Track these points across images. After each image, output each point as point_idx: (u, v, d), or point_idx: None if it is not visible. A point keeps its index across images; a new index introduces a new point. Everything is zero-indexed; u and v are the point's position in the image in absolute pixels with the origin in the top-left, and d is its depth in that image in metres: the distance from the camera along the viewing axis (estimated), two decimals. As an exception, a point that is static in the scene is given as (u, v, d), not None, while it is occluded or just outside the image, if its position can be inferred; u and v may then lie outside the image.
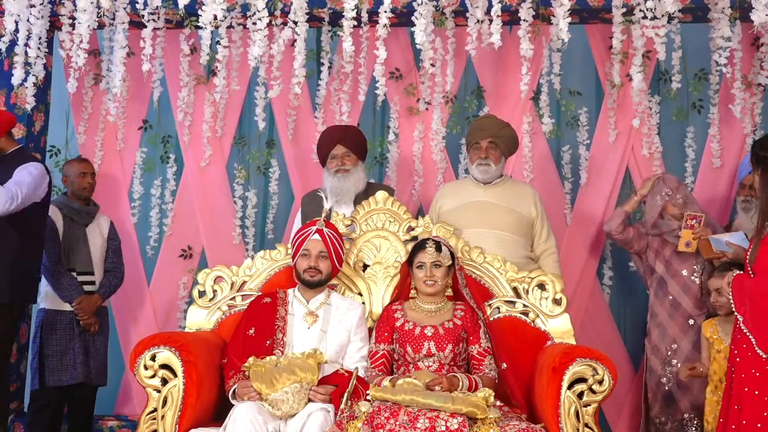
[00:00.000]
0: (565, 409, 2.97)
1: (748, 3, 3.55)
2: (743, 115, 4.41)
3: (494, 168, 3.91)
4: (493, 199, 3.90)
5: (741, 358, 2.97)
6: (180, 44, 4.80)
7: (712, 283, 3.57)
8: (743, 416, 2.90)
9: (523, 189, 3.99)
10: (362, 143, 4.04)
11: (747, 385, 2.92)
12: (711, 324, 3.61)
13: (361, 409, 2.83)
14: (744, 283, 2.98)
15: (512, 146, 4.00)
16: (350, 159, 3.95)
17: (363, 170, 4.00)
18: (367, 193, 3.87)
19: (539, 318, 3.50)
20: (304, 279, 3.36)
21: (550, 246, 3.92)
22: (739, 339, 3.00)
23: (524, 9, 3.85)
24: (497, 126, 3.94)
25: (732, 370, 3.03)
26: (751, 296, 2.93)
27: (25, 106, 4.41)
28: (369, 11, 4.04)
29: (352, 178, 3.93)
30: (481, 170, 3.92)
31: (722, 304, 3.52)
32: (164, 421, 3.04)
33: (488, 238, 3.79)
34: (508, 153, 4.01)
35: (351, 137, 4.00)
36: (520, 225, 3.86)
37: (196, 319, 3.57)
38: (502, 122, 4.00)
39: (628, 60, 4.32)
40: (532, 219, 3.90)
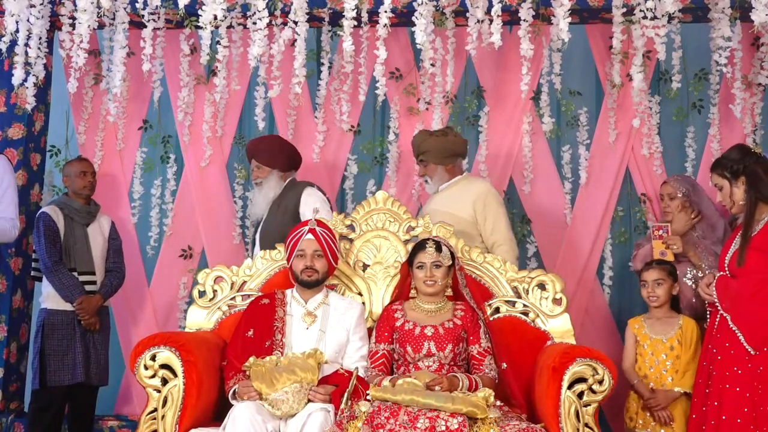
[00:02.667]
0: (565, 409, 2.98)
1: (748, 3, 3.55)
2: (743, 115, 4.41)
3: (431, 183, 4.06)
4: (438, 205, 3.99)
5: (722, 356, 3.11)
6: (180, 44, 4.80)
7: (650, 275, 3.68)
8: (723, 412, 3.04)
9: (468, 189, 3.98)
10: (274, 152, 4.10)
11: (728, 382, 3.05)
12: (637, 321, 3.73)
13: (361, 409, 2.83)
14: (729, 285, 3.13)
15: (443, 152, 4.00)
16: (261, 171, 4.10)
17: (277, 176, 4.08)
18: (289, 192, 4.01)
19: (539, 318, 3.51)
20: (301, 279, 3.36)
21: (498, 238, 3.88)
22: (719, 338, 3.15)
23: (524, 9, 3.85)
24: (419, 140, 4.08)
25: (710, 368, 3.10)
26: (737, 297, 3.08)
27: (25, 106, 4.41)
28: (369, 11, 4.04)
29: (263, 190, 4.08)
30: (427, 187, 4.15)
31: (658, 296, 3.65)
32: (164, 421, 3.05)
33: None
34: (445, 158, 4.01)
35: (261, 149, 4.12)
36: (459, 228, 3.86)
37: (196, 319, 3.58)
38: (425, 135, 4.09)
39: (628, 60, 4.31)
40: (471, 219, 3.90)
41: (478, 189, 3.97)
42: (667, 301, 3.69)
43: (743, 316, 3.07)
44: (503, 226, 3.92)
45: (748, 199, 3.16)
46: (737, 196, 3.20)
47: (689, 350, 3.56)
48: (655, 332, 3.66)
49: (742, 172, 3.17)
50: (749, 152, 3.22)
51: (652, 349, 3.63)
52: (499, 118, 4.74)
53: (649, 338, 3.65)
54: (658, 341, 3.63)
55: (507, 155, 4.70)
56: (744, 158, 3.18)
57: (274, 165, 4.10)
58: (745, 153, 3.21)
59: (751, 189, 3.16)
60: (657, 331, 3.66)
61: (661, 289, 3.67)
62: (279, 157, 4.12)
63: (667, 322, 3.67)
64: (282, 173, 4.12)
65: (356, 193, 4.84)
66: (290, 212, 3.98)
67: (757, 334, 3.03)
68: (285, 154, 4.16)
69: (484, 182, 4.12)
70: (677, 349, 3.59)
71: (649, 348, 3.64)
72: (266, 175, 4.09)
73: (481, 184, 4.04)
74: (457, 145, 4.06)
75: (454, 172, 4.06)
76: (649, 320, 3.71)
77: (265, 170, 4.10)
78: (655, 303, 3.68)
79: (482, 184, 4.04)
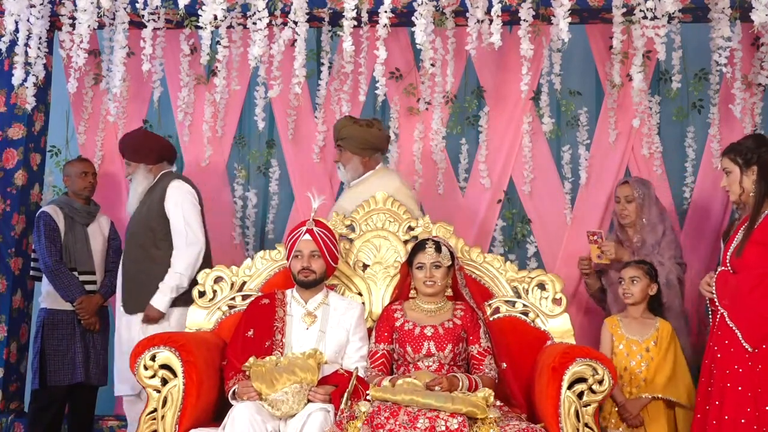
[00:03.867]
0: (565, 409, 2.98)
1: (748, 3, 3.55)
2: (743, 115, 4.40)
3: (344, 170, 4.01)
4: (346, 202, 3.96)
5: (722, 354, 3.08)
6: (180, 44, 4.79)
7: (627, 272, 3.66)
8: (725, 412, 3.01)
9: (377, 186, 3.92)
10: (136, 147, 4.02)
11: (729, 381, 3.02)
12: (614, 320, 3.68)
13: (361, 409, 2.83)
14: (729, 280, 3.09)
15: (363, 142, 3.96)
16: (130, 167, 4.04)
17: (144, 170, 4.00)
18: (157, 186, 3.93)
19: (539, 318, 3.51)
20: (299, 280, 3.37)
21: None
22: (719, 335, 3.12)
23: (524, 9, 3.85)
24: (341, 125, 4.02)
25: (711, 366, 3.08)
26: (735, 292, 3.04)
27: (25, 106, 4.41)
28: (369, 11, 4.03)
29: (133, 185, 4.02)
30: (338, 173, 4.10)
31: (633, 293, 3.63)
32: (164, 421, 3.05)
33: None
34: (363, 149, 3.97)
35: (126, 145, 4.05)
36: None
37: (196, 319, 3.58)
38: (349, 121, 4.03)
39: (628, 60, 4.31)
40: None
41: (386, 186, 3.89)
42: (643, 301, 3.65)
43: (741, 313, 3.03)
44: None
45: (758, 190, 3.10)
46: (746, 184, 3.13)
47: (662, 353, 3.53)
48: (631, 332, 3.61)
49: (755, 161, 3.11)
50: (765, 143, 3.15)
51: (627, 350, 3.58)
52: (499, 118, 4.73)
53: (624, 338, 3.60)
54: (633, 342, 3.58)
55: (507, 155, 4.70)
56: (759, 148, 3.12)
57: (140, 159, 4.00)
58: (761, 143, 3.15)
59: (762, 180, 3.09)
60: (633, 332, 3.61)
61: (636, 286, 3.62)
62: (143, 152, 4.00)
63: (643, 323, 3.63)
64: (150, 167, 4.00)
65: (356, 193, 4.84)
66: (155, 206, 3.88)
67: (755, 330, 2.99)
68: (149, 147, 4.03)
69: (393, 179, 3.99)
70: (653, 351, 3.55)
71: (625, 348, 3.59)
72: (135, 171, 4.01)
73: (390, 181, 3.95)
74: (378, 139, 4.01)
75: (369, 165, 4.01)
76: (625, 320, 3.66)
77: (133, 166, 4.01)
78: (630, 300, 3.63)
79: (391, 181, 3.95)
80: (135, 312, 3.83)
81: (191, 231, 3.83)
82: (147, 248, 3.87)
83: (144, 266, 3.85)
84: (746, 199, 3.15)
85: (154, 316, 3.78)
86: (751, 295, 3.02)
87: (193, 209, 3.86)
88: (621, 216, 4.08)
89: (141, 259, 3.86)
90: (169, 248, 3.84)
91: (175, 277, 3.78)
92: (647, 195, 4.04)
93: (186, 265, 3.79)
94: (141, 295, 3.81)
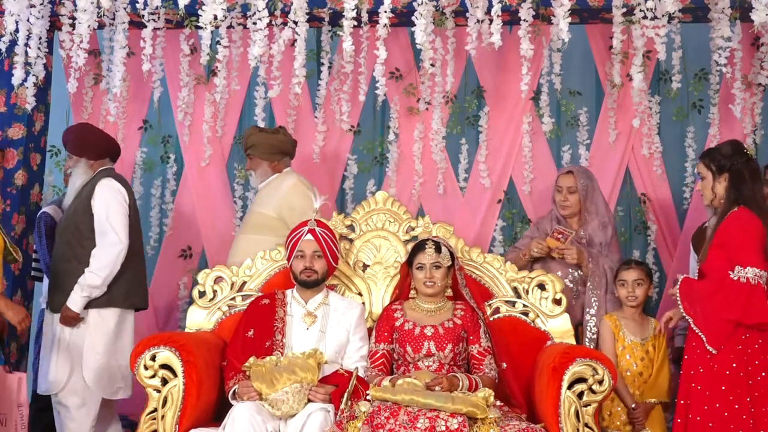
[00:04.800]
0: (565, 409, 2.98)
1: (748, 3, 3.55)
2: (743, 115, 4.40)
3: (255, 175, 4.16)
4: (254, 205, 4.10)
5: (689, 355, 3.14)
6: (180, 44, 4.79)
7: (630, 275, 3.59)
8: (690, 411, 3.06)
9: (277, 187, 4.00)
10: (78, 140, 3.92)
11: (694, 381, 3.07)
12: (613, 319, 3.61)
13: (361, 409, 2.83)
14: (692, 286, 3.14)
15: (270, 148, 4.06)
16: (71, 160, 3.95)
17: (85, 165, 3.88)
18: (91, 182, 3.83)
19: (539, 318, 3.51)
20: (301, 280, 3.36)
21: None
22: (689, 338, 3.17)
23: (524, 9, 3.85)
24: (247, 135, 4.16)
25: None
26: (699, 298, 3.09)
27: (25, 106, 4.41)
28: (369, 11, 4.03)
29: (72, 179, 3.92)
30: (251, 180, 4.25)
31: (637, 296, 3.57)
32: (164, 421, 3.05)
33: (239, 242, 4.04)
34: (271, 155, 4.07)
35: (68, 138, 3.96)
36: (264, 225, 3.90)
37: (196, 319, 3.58)
38: (255, 130, 4.18)
39: (628, 60, 4.31)
40: (278, 216, 3.91)
41: (284, 186, 3.98)
42: (643, 303, 3.64)
43: (704, 318, 3.06)
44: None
45: (728, 197, 3.14)
46: (718, 190, 3.17)
47: (661, 354, 3.51)
48: (632, 334, 3.56)
49: (727, 169, 3.15)
50: (741, 151, 3.18)
51: (629, 352, 3.52)
52: (499, 118, 4.73)
53: (625, 340, 3.54)
54: (636, 344, 3.53)
55: (507, 155, 4.70)
56: (734, 156, 3.15)
57: (81, 153, 3.89)
58: (736, 151, 3.18)
59: (733, 188, 3.13)
60: (634, 333, 3.56)
61: (640, 289, 3.59)
62: (85, 146, 3.90)
63: (641, 324, 3.59)
64: (91, 162, 3.89)
65: (356, 193, 4.84)
66: (83, 202, 3.77)
67: (717, 334, 3.02)
68: (92, 142, 3.93)
69: (290, 180, 4.05)
70: (651, 354, 3.52)
71: (627, 350, 3.53)
72: (75, 165, 3.91)
73: (287, 182, 4.02)
74: (284, 144, 4.12)
75: (277, 169, 4.11)
76: (624, 320, 3.59)
77: (74, 159, 3.92)
78: (634, 303, 3.58)
79: (289, 182, 4.01)
80: (59, 310, 3.72)
81: (113, 231, 3.68)
82: (73, 246, 3.75)
83: (69, 265, 3.72)
84: (717, 204, 3.20)
85: (69, 317, 3.66)
86: (713, 300, 3.05)
87: (119, 208, 3.73)
88: (561, 207, 3.93)
89: (67, 257, 3.75)
90: (93, 246, 3.72)
91: (89, 276, 3.64)
92: (590, 187, 3.93)
93: (102, 264, 3.64)
94: (65, 293, 3.69)
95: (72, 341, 3.70)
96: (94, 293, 3.67)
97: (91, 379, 3.68)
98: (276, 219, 3.93)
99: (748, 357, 3.01)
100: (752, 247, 3.02)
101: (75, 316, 3.67)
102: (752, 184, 3.13)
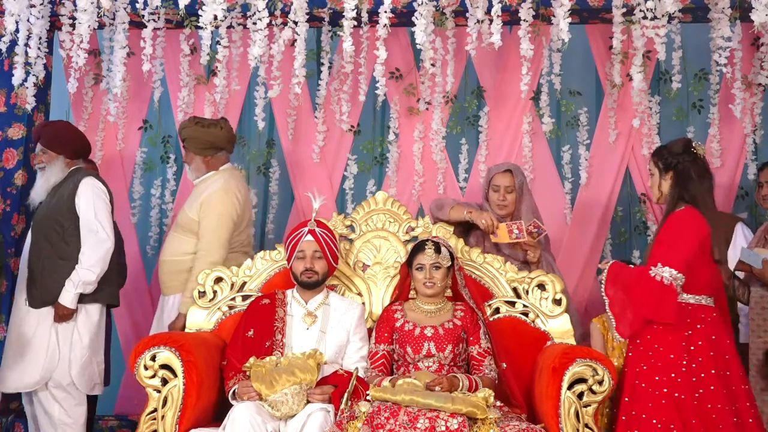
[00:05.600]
0: (565, 410, 2.98)
1: (748, 3, 3.55)
2: (743, 115, 4.41)
3: (190, 170, 4.07)
4: (186, 203, 4.04)
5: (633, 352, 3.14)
6: (180, 44, 4.79)
7: None
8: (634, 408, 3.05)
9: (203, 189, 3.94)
10: (61, 137, 3.93)
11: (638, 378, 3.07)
12: (601, 321, 3.62)
13: (361, 409, 2.83)
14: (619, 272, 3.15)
15: (202, 142, 3.98)
16: (47, 156, 3.92)
17: (62, 163, 3.90)
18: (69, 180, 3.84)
19: (539, 318, 3.51)
20: (301, 281, 3.36)
21: (201, 247, 3.83)
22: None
23: (524, 9, 3.85)
24: (182, 127, 4.07)
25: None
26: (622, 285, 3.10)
27: (25, 106, 4.41)
28: (369, 11, 4.04)
29: (46, 175, 3.91)
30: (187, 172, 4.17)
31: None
32: (164, 421, 3.05)
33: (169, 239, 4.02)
34: (203, 149, 3.99)
35: (49, 134, 3.95)
36: (187, 226, 3.90)
37: (196, 319, 3.58)
38: (191, 122, 4.05)
39: (628, 60, 4.31)
40: (197, 218, 3.88)
41: (210, 189, 3.91)
42: None
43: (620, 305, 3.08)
44: (209, 231, 3.84)
45: (671, 195, 3.15)
46: (664, 188, 3.19)
47: None
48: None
49: (672, 167, 3.15)
50: (689, 150, 3.15)
51: (619, 353, 3.53)
52: (499, 118, 4.74)
53: (613, 341, 3.54)
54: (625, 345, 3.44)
55: (507, 155, 4.70)
56: (682, 154, 3.14)
57: (61, 151, 3.91)
58: (684, 150, 3.16)
59: (677, 187, 3.13)
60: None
61: None
62: (66, 144, 3.93)
63: None
64: (68, 160, 3.93)
65: (356, 193, 4.85)
66: (65, 200, 3.79)
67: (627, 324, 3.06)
68: (73, 140, 3.97)
69: (218, 182, 3.94)
70: None
71: (617, 351, 3.54)
72: (52, 161, 3.91)
73: (214, 185, 3.93)
74: (218, 139, 4.01)
75: (211, 164, 4.02)
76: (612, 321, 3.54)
77: (51, 155, 3.91)
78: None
79: (216, 185, 3.93)
80: (41, 306, 3.74)
81: (102, 228, 3.75)
82: (54, 243, 3.77)
83: (51, 261, 3.75)
84: (664, 202, 3.22)
85: (65, 313, 3.71)
86: (631, 291, 3.07)
87: (104, 206, 3.79)
88: (499, 206, 3.80)
89: (48, 254, 3.77)
90: (78, 244, 3.76)
91: (83, 273, 3.70)
92: (525, 183, 3.86)
93: (94, 261, 3.71)
94: (47, 289, 3.73)
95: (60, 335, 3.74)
96: (88, 289, 3.74)
97: (75, 374, 3.74)
98: (196, 222, 3.90)
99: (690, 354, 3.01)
100: (680, 249, 3.02)
101: (70, 313, 3.72)
102: (699, 182, 3.12)
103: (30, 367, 3.71)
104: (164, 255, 4.00)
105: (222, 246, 3.84)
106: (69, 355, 3.74)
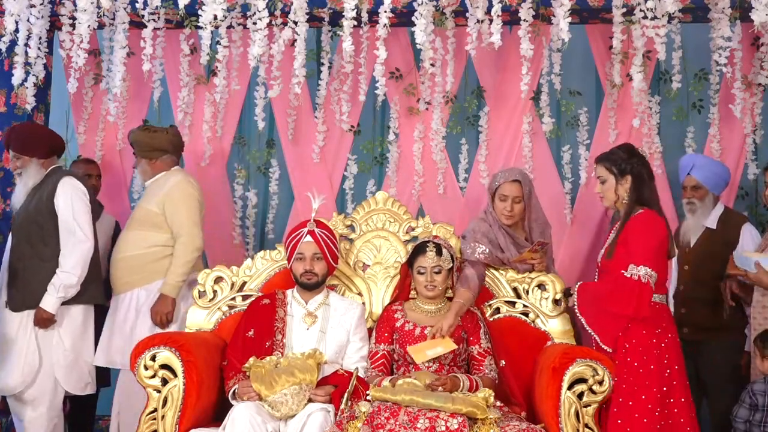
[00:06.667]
0: (565, 410, 2.98)
1: (748, 3, 3.55)
2: (743, 115, 4.41)
3: (137, 172, 4.22)
4: (141, 201, 4.11)
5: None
6: (180, 44, 4.79)
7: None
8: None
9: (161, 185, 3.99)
10: (27, 140, 3.91)
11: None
12: None
13: (361, 409, 2.83)
14: (587, 289, 3.26)
15: (147, 146, 4.04)
16: (20, 161, 3.91)
17: (36, 164, 3.89)
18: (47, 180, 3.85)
19: (539, 318, 3.51)
20: (301, 282, 3.37)
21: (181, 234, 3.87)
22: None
23: (524, 9, 3.85)
24: (131, 132, 4.14)
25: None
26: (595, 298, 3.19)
27: (25, 106, 4.41)
28: (369, 11, 4.03)
29: (23, 179, 3.92)
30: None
31: None
32: (164, 421, 3.05)
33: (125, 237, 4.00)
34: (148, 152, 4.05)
35: (15, 138, 3.93)
36: (148, 221, 3.93)
37: (196, 319, 3.58)
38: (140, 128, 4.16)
39: (628, 60, 4.31)
40: (161, 212, 3.91)
41: (168, 184, 3.97)
42: None
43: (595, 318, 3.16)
44: (183, 217, 3.89)
45: (630, 198, 3.26)
46: (621, 192, 3.29)
47: None
48: None
49: (628, 171, 3.27)
50: (636, 153, 3.33)
51: None
52: (499, 118, 4.73)
53: None
54: None
55: (507, 155, 4.69)
56: (631, 159, 3.29)
57: (32, 153, 3.89)
58: (632, 153, 3.32)
59: (635, 190, 3.25)
60: None
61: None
62: (36, 145, 3.91)
63: None
64: (42, 161, 3.91)
65: (356, 193, 4.84)
66: (44, 201, 3.79)
67: (609, 332, 3.12)
68: (41, 141, 3.95)
69: (176, 176, 4.04)
70: None
71: None
72: (26, 165, 3.89)
73: (172, 180, 4.01)
74: (161, 143, 4.06)
75: (158, 167, 4.07)
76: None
77: (24, 159, 3.89)
78: None
79: (173, 180, 4.01)
80: (21, 309, 3.73)
81: (80, 229, 3.75)
82: (34, 244, 3.76)
83: (31, 263, 3.75)
84: (620, 205, 3.31)
85: (45, 318, 3.70)
86: (609, 299, 3.14)
87: (83, 207, 3.79)
88: (506, 217, 3.66)
89: (28, 255, 3.76)
90: (57, 245, 3.75)
91: (64, 276, 3.70)
92: (533, 192, 3.77)
93: (74, 263, 3.71)
94: (28, 292, 3.72)
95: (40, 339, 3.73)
96: (70, 293, 3.72)
97: (61, 376, 3.73)
98: (159, 215, 3.92)
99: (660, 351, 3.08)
100: (649, 249, 3.13)
101: (50, 317, 3.71)
102: (650, 184, 3.28)
103: (12, 370, 3.69)
104: (120, 253, 3.97)
105: (200, 229, 3.93)
106: (51, 359, 3.72)
